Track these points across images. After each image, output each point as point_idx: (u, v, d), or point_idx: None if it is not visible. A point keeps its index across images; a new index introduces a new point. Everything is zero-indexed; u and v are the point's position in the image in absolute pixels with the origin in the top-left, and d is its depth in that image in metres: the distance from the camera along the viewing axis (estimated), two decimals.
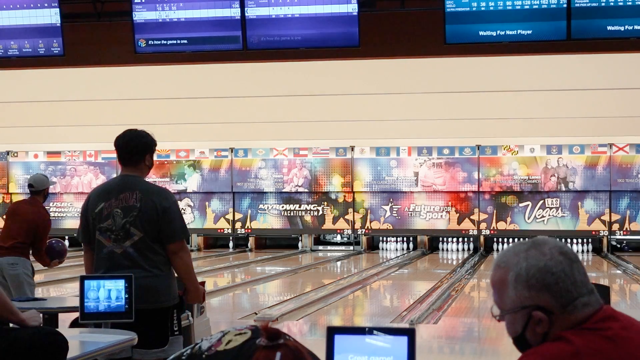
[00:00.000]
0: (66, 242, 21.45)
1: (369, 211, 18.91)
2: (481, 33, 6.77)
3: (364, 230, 18.95)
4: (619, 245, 18.33)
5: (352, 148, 18.79)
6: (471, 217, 18.48)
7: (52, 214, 19.97)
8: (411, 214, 18.75)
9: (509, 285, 1.93)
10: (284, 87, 11.16)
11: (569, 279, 1.90)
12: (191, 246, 19.22)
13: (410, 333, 2.03)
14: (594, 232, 18.10)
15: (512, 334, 1.96)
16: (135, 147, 4.45)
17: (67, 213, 20.05)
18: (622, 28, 6.57)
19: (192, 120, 14.77)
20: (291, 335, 2.10)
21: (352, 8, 6.88)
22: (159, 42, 7.19)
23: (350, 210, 18.98)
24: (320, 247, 19.43)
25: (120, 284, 4.23)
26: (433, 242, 19.04)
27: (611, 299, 4.54)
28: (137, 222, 4.34)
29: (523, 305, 1.91)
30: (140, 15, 7.19)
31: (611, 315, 1.90)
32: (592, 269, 15.15)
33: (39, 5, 7.33)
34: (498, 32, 6.75)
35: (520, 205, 18.31)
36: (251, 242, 19.58)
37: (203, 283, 4.82)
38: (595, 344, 1.83)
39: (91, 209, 4.45)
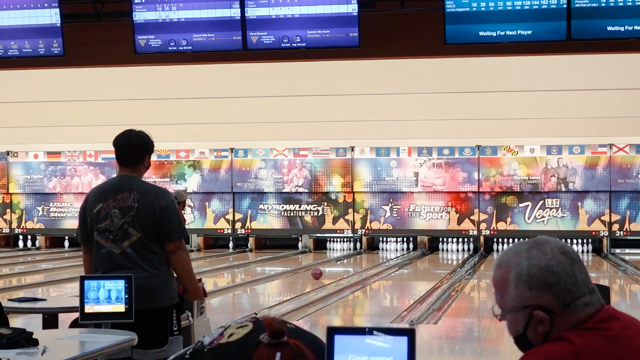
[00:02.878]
0: (66, 242, 21.27)
1: (369, 211, 18.90)
2: (481, 33, 6.76)
3: (364, 230, 18.94)
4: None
5: (352, 148, 18.78)
6: (471, 217, 18.47)
7: (51, 214, 20.11)
8: (411, 214, 18.74)
9: (510, 285, 1.93)
10: (284, 87, 11.15)
11: (570, 278, 1.90)
12: (191, 246, 19.20)
13: (410, 333, 2.03)
14: (594, 233, 18.09)
15: (513, 333, 1.96)
16: (135, 148, 4.46)
17: (67, 213, 20.04)
18: (622, 28, 6.56)
19: (192, 120, 14.76)
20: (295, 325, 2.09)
21: (352, 8, 6.88)
22: (159, 42, 7.18)
23: (350, 210, 18.97)
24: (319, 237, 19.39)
25: (120, 284, 4.22)
26: (433, 242, 19.02)
27: (611, 299, 4.53)
28: (135, 223, 4.34)
29: (524, 304, 1.91)
30: (140, 15, 7.18)
31: (612, 315, 1.90)
32: (592, 269, 15.14)
33: (39, 5, 7.32)
34: (498, 32, 6.74)
35: (520, 205, 18.30)
36: (251, 242, 19.56)
37: (200, 280, 4.82)
38: (597, 344, 1.83)
39: (89, 210, 4.45)
